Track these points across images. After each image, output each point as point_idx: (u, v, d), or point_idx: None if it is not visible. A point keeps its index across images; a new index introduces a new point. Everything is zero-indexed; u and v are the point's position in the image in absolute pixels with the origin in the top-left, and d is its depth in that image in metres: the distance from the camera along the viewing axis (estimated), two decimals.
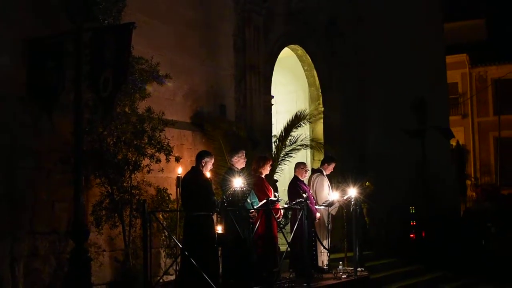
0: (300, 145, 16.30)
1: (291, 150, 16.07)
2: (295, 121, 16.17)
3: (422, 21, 26.72)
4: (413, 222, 21.83)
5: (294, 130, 16.27)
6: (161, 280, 11.80)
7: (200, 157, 11.41)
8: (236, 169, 12.03)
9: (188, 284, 10.81)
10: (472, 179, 38.73)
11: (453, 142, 31.97)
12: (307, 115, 16.49)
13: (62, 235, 11.26)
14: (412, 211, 21.94)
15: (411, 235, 21.61)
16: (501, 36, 42.37)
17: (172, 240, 12.17)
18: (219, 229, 10.37)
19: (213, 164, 11.79)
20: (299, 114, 16.32)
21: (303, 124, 16.45)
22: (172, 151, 12.15)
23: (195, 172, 11.30)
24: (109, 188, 11.51)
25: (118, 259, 12.17)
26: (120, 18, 11.31)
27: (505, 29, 42.54)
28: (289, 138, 16.03)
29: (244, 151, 12.43)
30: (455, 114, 40.46)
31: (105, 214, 11.50)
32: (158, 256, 13.00)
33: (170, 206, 12.75)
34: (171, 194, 12.79)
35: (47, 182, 11.18)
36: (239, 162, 12.25)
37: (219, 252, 10.95)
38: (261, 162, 13.07)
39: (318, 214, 13.82)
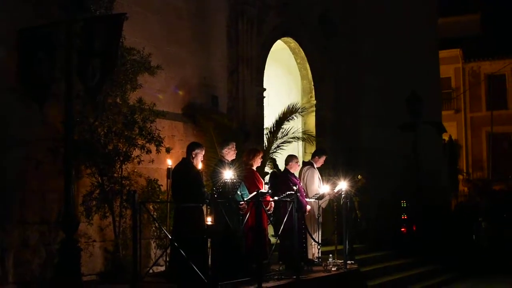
0: (291, 138, 16.30)
1: (282, 143, 16.07)
2: (287, 114, 16.16)
3: (416, 15, 26.72)
4: (404, 216, 21.85)
5: (286, 122, 16.26)
6: (150, 271, 11.79)
7: (191, 148, 11.39)
8: (226, 161, 12.00)
9: (177, 275, 10.81)
10: (464, 174, 38.77)
11: (445, 137, 32.00)
12: (299, 108, 16.48)
13: (52, 225, 11.26)
14: (404, 205, 21.97)
15: (402, 229, 21.64)
16: (495, 31, 42.38)
17: (162, 231, 12.16)
18: (209, 220, 10.36)
19: (204, 156, 11.76)
20: (291, 106, 16.30)
21: (294, 117, 16.42)
22: (162, 142, 12.15)
23: (186, 163, 11.28)
24: (99, 178, 11.52)
25: (108, 250, 12.17)
26: (112, 9, 11.31)
27: (499, 24, 42.56)
28: (281, 130, 16.01)
29: (234, 143, 12.40)
30: (448, 109, 40.49)
31: (95, 205, 11.53)
32: (148, 247, 13.01)
33: (160, 197, 12.74)
34: (162, 185, 12.79)
35: (37, 172, 11.17)
36: (230, 154, 12.23)
37: (209, 244, 10.93)
38: (251, 154, 13.06)
39: (308, 207, 13.80)
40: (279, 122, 16.05)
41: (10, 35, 10.49)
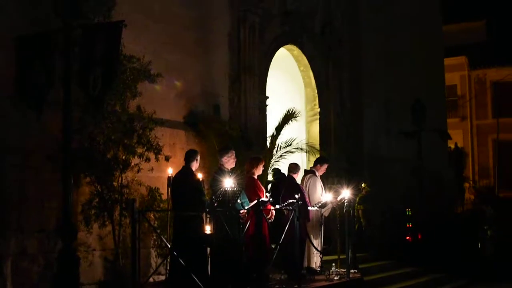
0: (295, 148, 16.22)
1: (285, 153, 15.98)
2: (286, 119, 16.07)
3: (421, 22, 26.65)
4: (409, 224, 21.70)
5: (289, 130, 16.18)
6: (151, 280, 11.71)
7: (190, 156, 11.32)
8: (226, 169, 11.90)
9: (177, 284, 10.73)
10: (471, 182, 38.58)
11: (451, 145, 31.87)
12: (298, 111, 16.36)
13: (51, 233, 11.19)
14: (409, 213, 21.82)
15: (407, 238, 21.49)
16: (501, 38, 42.24)
17: (163, 240, 12.08)
18: (208, 229, 10.27)
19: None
20: (290, 111, 16.21)
21: (294, 121, 16.32)
22: (161, 150, 12.08)
23: (186, 171, 11.21)
24: (98, 187, 11.44)
25: (108, 259, 12.11)
26: (111, 17, 11.22)
27: (504, 31, 42.41)
28: (282, 138, 15.94)
29: (233, 151, 12.28)
30: (454, 117, 40.33)
31: (94, 213, 11.46)
32: (148, 256, 12.93)
33: (161, 205, 12.67)
34: (163, 194, 12.69)
35: (36, 180, 11.14)
36: (229, 162, 12.10)
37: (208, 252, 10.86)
38: (254, 162, 12.96)
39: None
40: (279, 128, 15.97)
41: (7, 43, 10.43)
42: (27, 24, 10.81)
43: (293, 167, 14.16)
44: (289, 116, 16.19)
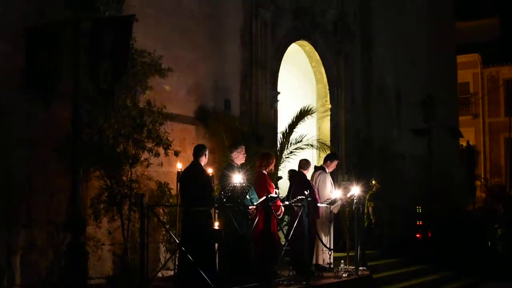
0: (305, 145, 16.20)
1: (295, 149, 15.96)
2: (300, 117, 16.05)
3: (434, 19, 26.53)
4: (419, 222, 21.65)
5: (300, 126, 16.15)
6: (159, 275, 11.70)
7: (199, 151, 11.30)
8: (235, 165, 11.87)
9: (185, 279, 10.72)
10: (482, 180, 38.39)
11: (463, 142, 31.75)
12: (311, 109, 16.33)
13: (60, 226, 11.14)
14: (419, 210, 21.76)
15: (417, 235, 21.44)
16: None
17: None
18: (216, 225, 10.25)
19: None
20: (303, 109, 16.18)
21: (307, 119, 16.29)
22: (171, 145, 12.03)
23: (195, 167, 11.19)
24: (108, 181, 11.42)
25: (117, 253, 12.11)
26: (122, 10, 11.19)
27: None
28: (293, 134, 15.91)
29: (243, 147, 12.24)
30: (466, 114, 40.18)
31: (103, 208, 11.43)
32: (157, 251, 12.91)
33: (171, 200, 12.64)
34: (172, 189, 12.66)
35: (44, 173, 11.15)
36: (239, 157, 12.06)
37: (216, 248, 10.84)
38: (265, 159, 12.92)
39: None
40: (292, 126, 15.95)
41: (17, 34, 10.43)
42: (37, 15, 10.82)
43: (304, 163, 14.13)
44: (304, 114, 16.16)
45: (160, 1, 14.16)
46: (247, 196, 11.49)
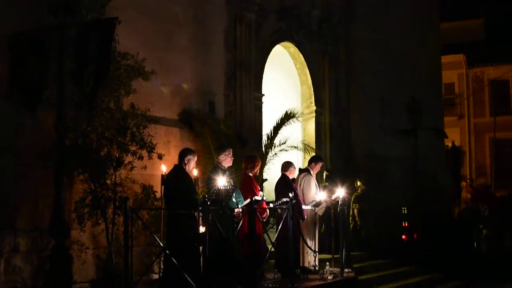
0: (289, 147, 16.22)
1: (280, 151, 15.96)
2: (285, 119, 16.05)
3: (419, 20, 26.55)
4: (405, 223, 21.68)
5: (285, 128, 16.15)
6: (144, 278, 11.65)
7: (183, 155, 11.26)
8: (222, 167, 11.86)
9: (170, 283, 10.69)
10: (468, 181, 38.54)
11: (448, 143, 31.83)
12: (296, 113, 16.34)
13: (44, 232, 11.09)
14: (404, 212, 21.79)
15: (403, 236, 21.47)
16: (499, 36, 42.18)
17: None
18: (200, 228, 10.23)
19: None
20: (289, 112, 16.18)
21: (292, 122, 16.30)
22: (154, 148, 12.00)
23: (178, 170, 11.16)
24: (92, 185, 11.37)
25: (101, 257, 12.06)
26: (105, 13, 11.15)
27: (502, 29, 42.36)
28: (278, 136, 15.91)
29: (231, 149, 12.26)
30: (452, 115, 40.32)
31: (87, 212, 11.38)
32: (142, 255, 12.85)
33: (155, 203, 12.58)
34: (157, 192, 12.62)
35: (29, 178, 11.08)
36: (226, 160, 12.07)
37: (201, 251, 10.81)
38: (250, 161, 12.94)
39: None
40: (277, 128, 15.96)
41: (0, 40, 10.36)
42: (21, 22, 10.72)
43: (285, 165, 14.10)
44: (288, 117, 16.16)
45: (143, 4, 14.10)
46: (233, 199, 11.48)
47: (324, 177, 17.89)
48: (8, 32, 10.27)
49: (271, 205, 12.85)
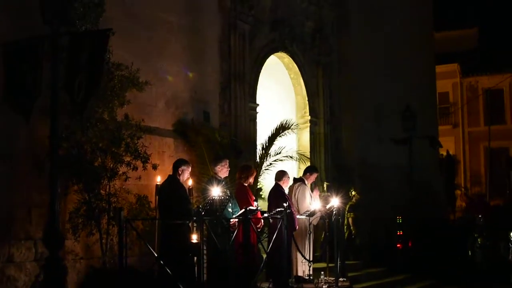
0: (284, 156, 16.21)
1: (275, 161, 15.96)
2: (280, 130, 16.05)
3: (413, 29, 26.61)
4: (399, 232, 21.66)
5: (279, 138, 16.15)
6: None
7: (177, 165, 11.32)
8: (219, 178, 11.92)
9: None
10: (462, 189, 38.54)
11: (443, 152, 31.84)
12: (292, 124, 16.35)
13: (39, 241, 11.11)
14: (399, 220, 21.77)
15: (398, 245, 21.45)
16: (493, 45, 42.34)
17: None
18: (194, 238, 10.24)
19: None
20: (284, 123, 16.19)
21: (287, 133, 16.30)
22: (149, 159, 12.00)
23: (172, 180, 11.19)
24: (86, 195, 11.38)
25: (95, 267, 12.02)
26: (99, 24, 11.17)
27: (496, 38, 42.56)
28: (273, 147, 15.90)
29: (227, 160, 12.36)
30: (446, 124, 40.46)
31: (82, 222, 11.37)
32: (137, 265, 12.82)
33: (150, 214, 12.58)
34: (151, 202, 12.62)
35: (23, 188, 11.06)
36: (222, 171, 12.18)
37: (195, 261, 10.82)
38: (244, 171, 12.99)
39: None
40: (272, 139, 15.95)
41: None
42: (15, 31, 10.74)
43: (279, 175, 14.11)
44: (283, 128, 16.16)
45: (137, 14, 14.10)
46: (229, 209, 11.50)
47: (325, 187, 17.95)
48: (2, 41, 10.28)
49: (266, 214, 12.85)
